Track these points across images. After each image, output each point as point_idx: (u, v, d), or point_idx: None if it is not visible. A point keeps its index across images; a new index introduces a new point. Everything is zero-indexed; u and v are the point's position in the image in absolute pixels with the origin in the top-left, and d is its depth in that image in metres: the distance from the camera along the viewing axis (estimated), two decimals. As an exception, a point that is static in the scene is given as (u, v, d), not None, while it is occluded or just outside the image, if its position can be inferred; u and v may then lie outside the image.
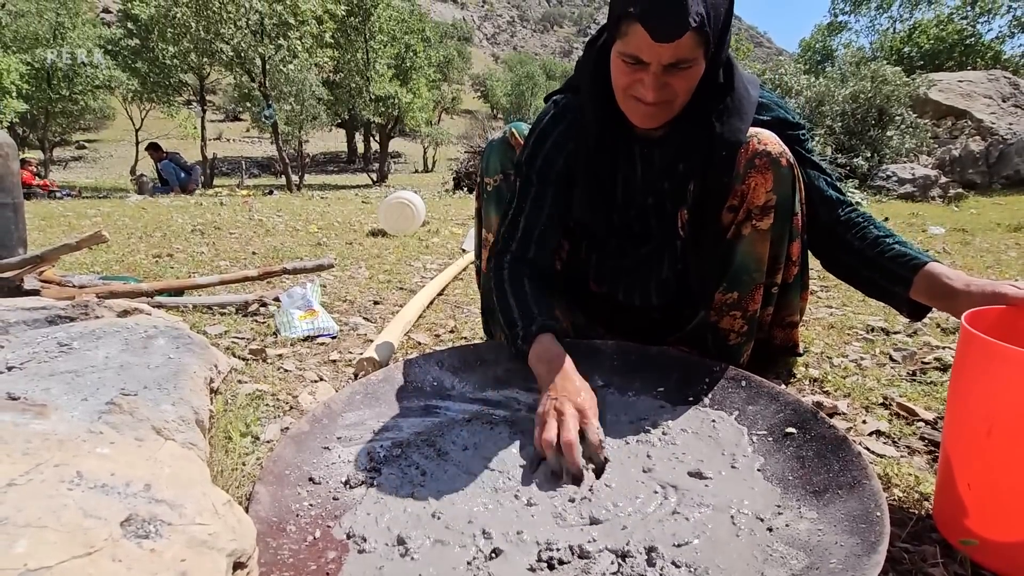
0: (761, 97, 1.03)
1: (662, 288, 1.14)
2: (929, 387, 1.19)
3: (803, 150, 1.05)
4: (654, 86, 0.87)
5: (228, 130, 30.81)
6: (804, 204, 1.03)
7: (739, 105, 0.96)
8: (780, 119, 1.04)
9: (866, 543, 0.59)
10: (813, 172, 1.06)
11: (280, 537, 0.66)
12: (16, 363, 0.71)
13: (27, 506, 0.39)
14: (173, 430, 0.63)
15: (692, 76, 0.88)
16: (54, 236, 3.59)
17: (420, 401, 0.99)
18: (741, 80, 0.98)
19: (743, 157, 0.97)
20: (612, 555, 0.64)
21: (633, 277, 1.15)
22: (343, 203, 6.44)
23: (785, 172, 0.96)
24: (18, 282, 1.58)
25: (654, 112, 0.91)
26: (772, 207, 0.98)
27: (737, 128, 0.95)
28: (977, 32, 18.53)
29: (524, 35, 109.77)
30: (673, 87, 0.88)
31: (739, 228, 1.01)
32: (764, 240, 1.00)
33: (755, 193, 0.98)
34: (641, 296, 1.16)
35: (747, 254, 1.01)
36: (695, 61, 0.86)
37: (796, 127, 1.05)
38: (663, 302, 1.16)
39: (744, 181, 0.98)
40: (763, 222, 0.99)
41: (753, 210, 0.99)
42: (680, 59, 0.84)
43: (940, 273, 0.89)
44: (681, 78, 0.87)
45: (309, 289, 1.68)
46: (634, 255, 1.13)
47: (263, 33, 13.42)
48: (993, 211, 5.28)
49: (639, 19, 0.81)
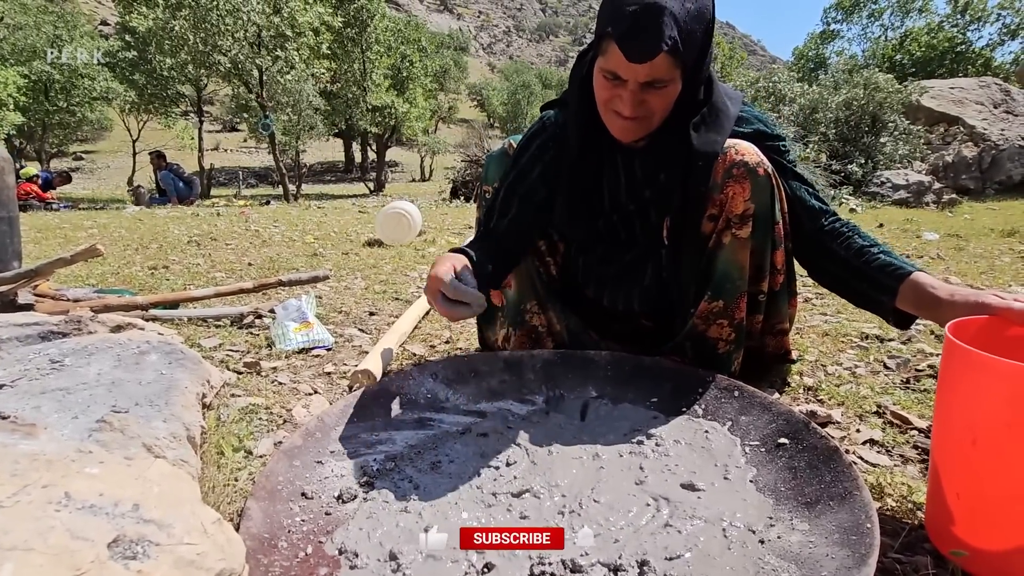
0: (741, 111, 1.06)
1: (644, 295, 1.17)
2: (923, 395, 1.20)
3: (784, 161, 1.07)
4: (631, 102, 0.92)
5: (225, 141, 30.89)
6: (786, 213, 1.05)
7: (717, 117, 1.00)
8: (759, 132, 1.07)
9: (856, 555, 0.60)
10: (795, 183, 1.08)
11: (272, 554, 0.65)
12: (7, 381, 0.71)
13: (13, 528, 0.39)
14: (164, 447, 0.63)
15: (668, 94, 0.93)
16: (50, 248, 3.58)
17: (414, 414, 0.99)
18: (720, 94, 1.02)
19: (721, 167, 1.00)
20: (604, 569, 0.64)
21: (617, 283, 1.18)
22: (340, 213, 6.45)
23: (763, 181, 0.99)
24: (12, 296, 1.57)
25: (632, 126, 0.96)
26: (751, 215, 1.00)
27: (713, 140, 0.99)
28: (968, 40, 18.75)
29: (520, 45, 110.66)
30: (650, 104, 0.93)
31: (719, 237, 1.04)
32: (744, 248, 1.02)
33: (733, 202, 1.00)
34: (624, 302, 1.19)
35: (729, 262, 1.04)
36: (671, 81, 0.90)
37: (776, 139, 1.08)
38: (646, 309, 1.19)
39: (723, 190, 1.01)
40: (743, 230, 1.01)
41: (732, 219, 1.01)
42: (656, 79, 0.89)
43: (925, 283, 0.90)
44: (658, 96, 0.92)
45: (304, 301, 1.68)
46: (619, 261, 1.17)
47: (261, 45, 13.49)
48: (987, 216, 5.32)
49: (615, 40, 0.86)
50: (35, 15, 15.64)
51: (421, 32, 23.75)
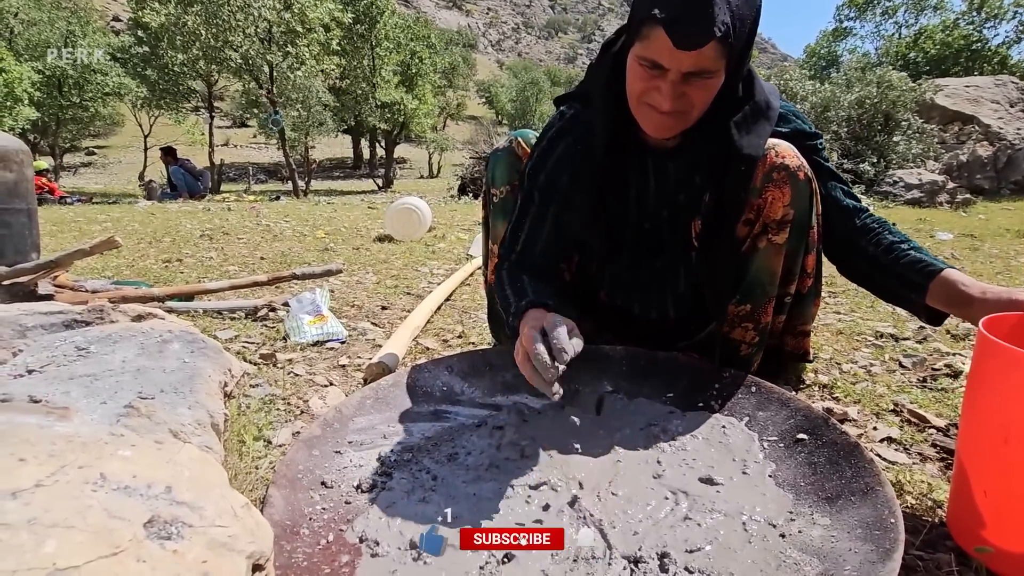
0: (780, 108, 1.00)
1: (679, 302, 1.12)
2: (940, 394, 1.19)
3: (820, 159, 1.04)
4: (671, 94, 0.84)
5: (235, 136, 31.06)
6: (820, 216, 1.02)
7: (758, 117, 0.94)
8: (798, 130, 1.02)
9: (881, 550, 0.59)
10: (831, 183, 1.05)
11: (294, 540, 0.66)
12: (36, 366, 0.72)
13: (54, 507, 0.40)
14: (190, 433, 0.64)
15: (711, 87, 0.85)
16: (65, 241, 3.63)
17: (430, 406, 1.00)
18: (762, 91, 0.95)
19: (760, 170, 0.95)
20: (624, 561, 0.64)
21: (649, 291, 1.13)
22: (349, 209, 6.47)
23: (803, 186, 0.95)
24: (32, 287, 1.60)
25: (669, 122, 0.89)
26: (789, 221, 0.97)
27: (757, 143, 0.93)
28: (983, 37, 18.49)
29: (529, 42, 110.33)
30: (690, 97, 0.85)
31: (755, 242, 1.00)
32: (779, 254, 0.99)
33: (772, 207, 0.96)
34: (658, 310, 1.14)
35: (762, 268, 1.00)
36: (716, 72, 0.83)
37: (814, 137, 1.04)
38: (681, 315, 1.14)
39: (761, 195, 0.96)
40: (779, 236, 0.98)
41: (770, 224, 0.98)
42: (701, 68, 0.81)
43: (956, 280, 0.88)
44: (700, 88, 0.84)
45: (318, 294, 1.70)
46: (649, 268, 1.11)
47: (271, 41, 13.56)
48: (1002, 217, 5.25)
49: (663, 24, 0.78)
50: (48, 11, 15.80)
51: (430, 29, 23.77)
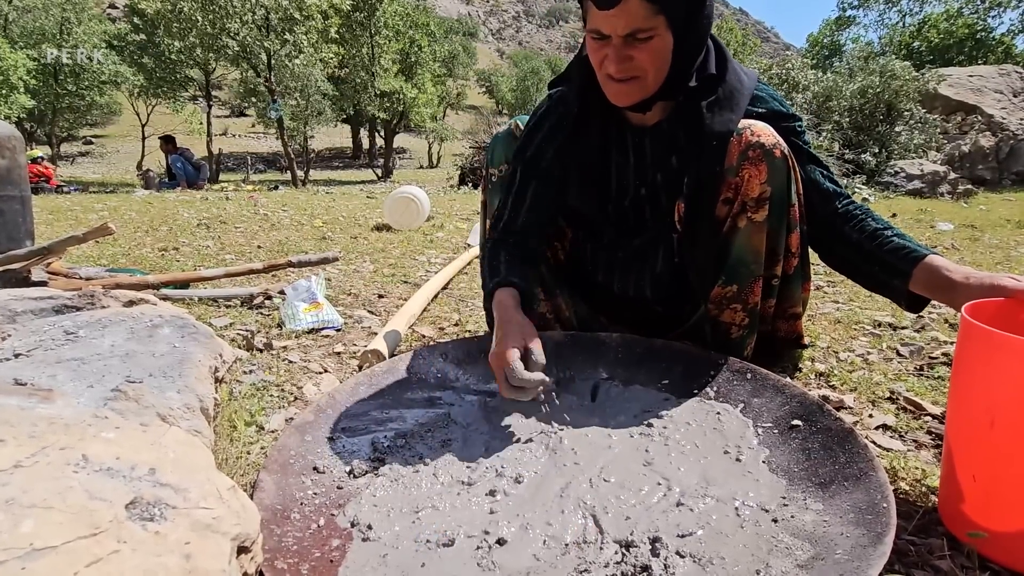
0: (756, 90, 1.02)
1: (656, 282, 1.15)
2: (936, 382, 1.18)
3: (799, 141, 1.04)
4: (616, 59, 0.88)
5: (233, 126, 30.88)
6: (801, 195, 1.03)
7: (731, 96, 0.97)
8: (775, 111, 1.03)
9: (872, 534, 0.59)
10: (810, 165, 1.05)
11: (284, 524, 0.66)
12: (23, 350, 0.71)
13: (33, 487, 0.39)
14: (178, 417, 0.63)
15: (655, 48, 0.88)
16: (61, 229, 3.61)
17: (424, 393, 0.99)
18: (735, 72, 0.98)
19: (736, 149, 0.97)
20: (616, 545, 0.64)
21: (628, 269, 1.16)
22: (348, 198, 6.45)
23: (779, 163, 0.96)
24: (25, 273, 1.59)
25: (625, 88, 0.92)
26: (767, 199, 0.98)
27: (728, 119, 0.96)
28: (988, 26, 18.32)
29: (529, 30, 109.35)
30: (638, 61, 0.88)
31: (735, 220, 1.01)
32: (760, 232, 1.00)
33: (749, 185, 0.97)
34: (635, 288, 1.17)
35: (744, 247, 1.01)
36: (654, 31, 0.86)
37: (791, 119, 1.05)
38: (658, 296, 1.16)
39: (738, 173, 0.98)
40: (758, 214, 0.99)
41: (748, 202, 0.99)
42: (635, 28, 0.85)
43: (940, 266, 0.88)
44: (644, 51, 0.87)
45: (314, 282, 1.69)
46: (628, 246, 1.14)
47: (269, 28, 13.43)
48: (1003, 207, 5.23)
49: None
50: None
51: (430, 17, 23.55)
